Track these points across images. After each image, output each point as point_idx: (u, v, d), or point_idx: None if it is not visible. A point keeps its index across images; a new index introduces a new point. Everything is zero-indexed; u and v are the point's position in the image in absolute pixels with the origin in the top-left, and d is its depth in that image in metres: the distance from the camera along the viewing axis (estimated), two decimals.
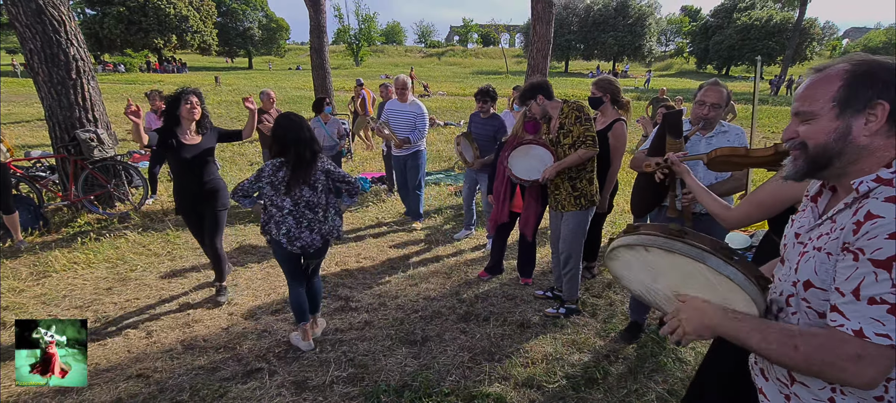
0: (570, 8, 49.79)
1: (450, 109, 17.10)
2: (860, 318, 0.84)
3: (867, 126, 0.92)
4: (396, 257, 4.46)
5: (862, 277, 0.84)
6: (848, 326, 0.85)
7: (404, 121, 4.82)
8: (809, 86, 0.98)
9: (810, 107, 0.97)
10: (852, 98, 0.93)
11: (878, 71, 0.91)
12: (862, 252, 0.85)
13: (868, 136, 0.92)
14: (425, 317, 3.33)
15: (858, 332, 0.84)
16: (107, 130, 5.34)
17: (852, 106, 0.93)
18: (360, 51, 52.46)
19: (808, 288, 0.97)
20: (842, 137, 0.94)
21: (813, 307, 0.97)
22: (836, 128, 0.94)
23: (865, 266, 0.84)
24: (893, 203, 0.84)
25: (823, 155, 0.96)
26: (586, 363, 2.83)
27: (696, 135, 2.60)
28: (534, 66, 8.69)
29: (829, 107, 0.95)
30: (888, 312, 0.81)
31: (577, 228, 3.14)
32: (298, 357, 2.85)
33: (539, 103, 3.15)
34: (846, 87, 0.93)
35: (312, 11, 11.51)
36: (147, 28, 37.50)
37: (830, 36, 56.60)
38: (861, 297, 0.84)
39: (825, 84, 0.96)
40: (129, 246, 4.47)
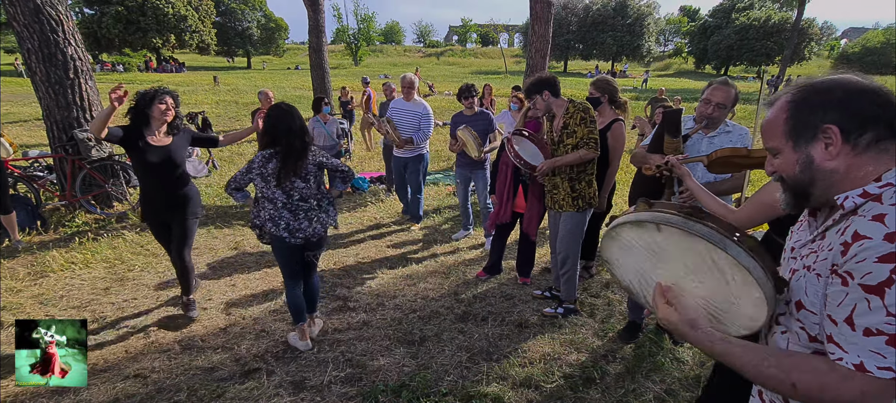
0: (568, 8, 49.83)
1: (448, 109, 17.10)
2: (859, 351, 0.80)
3: (828, 150, 0.89)
4: (394, 257, 4.46)
5: (853, 304, 0.81)
6: (847, 360, 0.81)
7: (409, 121, 4.74)
8: (766, 121, 0.98)
9: (772, 143, 0.97)
10: (800, 127, 0.91)
11: (815, 95, 0.90)
12: (851, 276, 0.81)
13: (832, 160, 0.89)
14: (423, 317, 3.33)
15: (859, 366, 0.80)
16: None
17: (803, 136, 0.91)
18: (358, 50, 52.46)
19: (800, 309, 0.95)
20: (807, 167, 0.92)
21: (805, 328, 0.94)
22: (797, 159, 0.93)
23: (856, 292, 0.80)
24: (881, 222, 0.80)
25: (798, 186, 0.95)
26: (584, 363, 2.83)
27: (698, 134, 2.57)
28: (532, 65, 8.70)
29: (784, 141, 0.94)
30: (887, 344, 0.77)
31: (575, 229, 3.14)
32: (296, 357, 2.85)
33: (545, 99, 3.06)
34: (790, 119, 0.92)
35: (311, 11, 11.51)
36: (145, 28, 37.43)
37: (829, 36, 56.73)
38: (856, 327, 0.80)
39: (775, 118, 0.95)
40: (127, 246, 4.47)
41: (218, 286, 3.75)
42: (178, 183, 3.06)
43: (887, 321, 0.77)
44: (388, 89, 6.28)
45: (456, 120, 4.56)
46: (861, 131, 0.86)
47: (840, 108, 0.87)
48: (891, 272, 0.76)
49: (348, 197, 6.38)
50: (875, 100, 0.85)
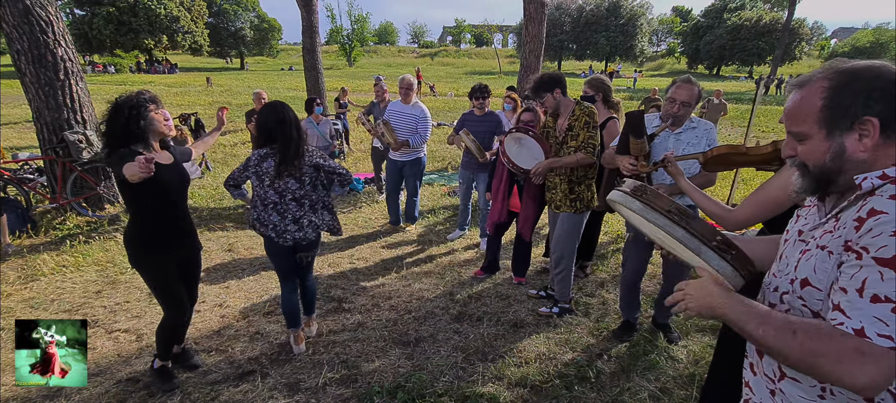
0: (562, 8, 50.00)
1: (443, 110, 17.10)
2: (862, 317, 0.80)
3: (862, 142, 0.87)
4: (390, 258, 4.45)
5: (866, 276, 0.80)
6: (848, 325, 0.81)
7: (406, 124, 4.68)
8: (794, 104, 0.94)
9: (799, 128, 0.93)
10: (837, 117, 0.87)
11: (857, 83, 0.86)
12: (866, 251, 0.81)
13: (865, 151, 0.87)
14: (419, 318, 3.33)
15: (859, 331, 0.80)
16: (96, 131, 5.28)
17: (839, 125, 0.88)
18: (352, 51, 52.33)
19: (805, 286, 0.94)
20: (837, 157, 0.89)
21: (808, 306, 0.94)
22: (828, 148, 0.90)
23: (869, 264, 0.80)
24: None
25: (824, 174, 0.92)
26: (579, 362, 2.83)
27: (665, 132, 2.62)
28: (526, 66, 8.72)
29: (817, 128, 0.90)
30: (893, 311, 0.77)
31: (572, 230, 3.14)
32: (291, 359, 2.83)
33: (556, 97, 3.01)
34: (828, 107, 0.88)
35: (304, 12, 11.46)
36: (137, 29, 37.13)
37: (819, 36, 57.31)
38: (864, 295, 0.80)
39: (808, 102, 0.91)
40: (119, 249, 4.42)
41: (211, 288, 3.72)
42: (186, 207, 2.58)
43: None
44: (380, 90, 6.24)
45: (465, 118, 4.53)
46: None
47: (884, 100, 0.84)
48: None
49: (342, 198, 6.36)
50: None
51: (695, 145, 2.55)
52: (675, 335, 3.09)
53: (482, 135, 4.35)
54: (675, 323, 3.24)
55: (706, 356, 2.85)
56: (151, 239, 2.37)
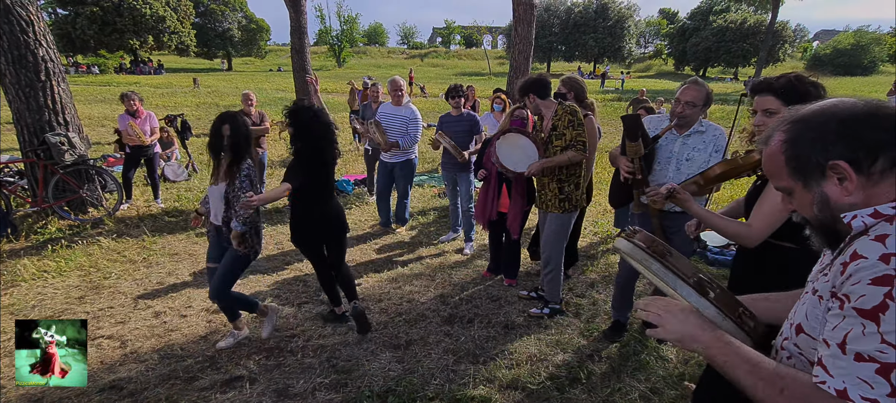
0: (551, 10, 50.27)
1: (433, 111, 17.08)
2: (845, 377, 0.74)
3: (844, 186, 0.81)
4: (380, 260, 4.42)
5: (848, 329, 0.75)
6: (830, 384, 0.75)
7: (396, 126, 4.66)
8: (765, 161, 0.91)
9: (779, 183, 0.90)
10: (803, 169, 0.84)
11: (809, 132, 0.82)
12: (847, 299, 0.76)
13: (851, 195, 0.81)
14: (409, 320, 3.30)
15: (842, 392, 0.73)
16: (78, 133, 5.18)
17: (811, 175, 0.84)
18: (342, 52, 52.07)
19: (799, 333, 0.89)
20: (824, 205, 0.84)
21: (804, 354, 0.89)
22: (812, 200, 0.86)
23: (851, 315, 0.74)
24: (881, 242, 0.74)
25: (823, 225, 0.87)
26: (570, 363, 2.84)
27: (671, 134, 2.60)
28: (516, 67, 8.76)
29: (793, 181, 0.86)
30: (877, 373, 0.70)
31: (560, 230, 3.15)
32: (280, 364, 2.80)
33: (532, 101, 3.10)
34: (790, 160, 0.85)
35: (293, 12, 11.37)
36: (122, 29, 36.49)
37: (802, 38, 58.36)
38: (847, 352, 0.74)
39: (775, 159, 0.88)
40: (103, 253, 4.34)
41: (199, 293, 3.66)
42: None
43: (881, 348, 0.71)
44: (374, 91, 6.20)
45: (443, 120, 4.54)
46: (873, 159, 0.78)
47: (843, 141, 0.79)
48: (884, 296, 0.70)
49: None
50: (877, 124, 0.78)
51: (701, 150, 2.52)
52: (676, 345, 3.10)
53: (460, 134, 4.37)
54: None
55: (695, 355, 2.87)
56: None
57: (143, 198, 6.07)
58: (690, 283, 0.94)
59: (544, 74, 3.21)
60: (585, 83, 3.78)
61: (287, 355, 2.89)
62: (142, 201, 5.94)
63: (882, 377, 0.70)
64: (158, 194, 5.88)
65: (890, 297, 0.70)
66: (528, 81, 3.12)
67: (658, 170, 2.65)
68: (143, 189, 6.35)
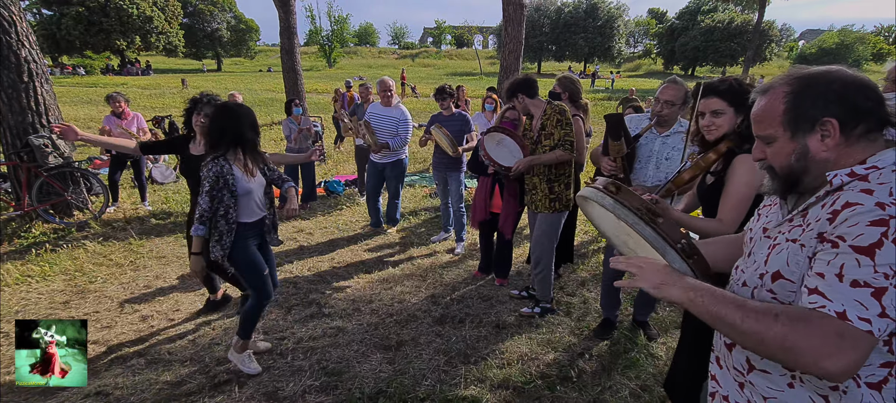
0: (541, 10, 50.46)
1: (424, 111, 17.06)
2: (844, 299, 0.81)
3: (824, 142, 0.92)
4: (370, 260, 4.40)
5: (843, 262, 0.83)
6: (830, 307, 0.82)
7: (386, 127, 4.62)
8: (760, 109, 0.99)
9: (766, 131, 0.98)
10: (799, 119, 0.93)
11: (815, 87, 0.91)
12: (842, 239, 0.83)
13: (827, 151, 0.92)
14: (400, 321, 3.29)
15: (841, 314, 0.81)
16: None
17: (801, 127, 0.93)
18: (332, 53, 51.83)
19: (777, 279, 0.96)
20: (802, 157, 0.94)
21: (778, 298, 0.96)
22: (793, 149, 0.95)
23: (846, 252, 0.82)
24: (869, 193, 0.84)
25: (791, 175, 0.97)
26: (561, 361, 2.84)
27: (651, 133, 2.63)
28: (506, 67, 8.77)
29: (782, 130, 0.95)
30: (872, 295, 0.79)
31: (550, 230, 3.15)
32: (269, 367, 2.77)
33: (521, 101, 3.10)
34: (790, 110, 0.94)
35: (282, 12, 11.30)
36: (108, 29, 35.98)
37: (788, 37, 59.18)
38: (844, 279, 0.82)
39: (771, 107, 0.96)
40: (89, 257, 4.27)
41: (187, 297, 3.61)
42: None
43: (875, 276, 0.79)
44: (364, 91, 6.18)
45: (434, 120, 4.53)
46: (856, 124, 0.90)
47: (840, 102, 0.90)
48: (881, 235, 0.79)
49: (323, 200, 6.28)
50: (869, 95, 0.90)
51: (680, 149, 2.55)
52: (654, 332, 3.13)
53: (451, 134, 4.35)
54: (654, 321, 3.28)
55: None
56: None
57: (131, 200, 5.99)
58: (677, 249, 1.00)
59: (531, 74, 3.22)
60: (581, 83, 3.80)
61: (277, 357, 2.87)
62: (129, 204, 5.86)
63: (875, 299, 0.79)
64: (146, 196, 5.80)
65: (885, 236, 0.79)
66: (515, 82, 3.13)
67: (638, 168, 2.68)
68: (131, 191, 6.26)
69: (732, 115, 1.83)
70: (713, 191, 1.92)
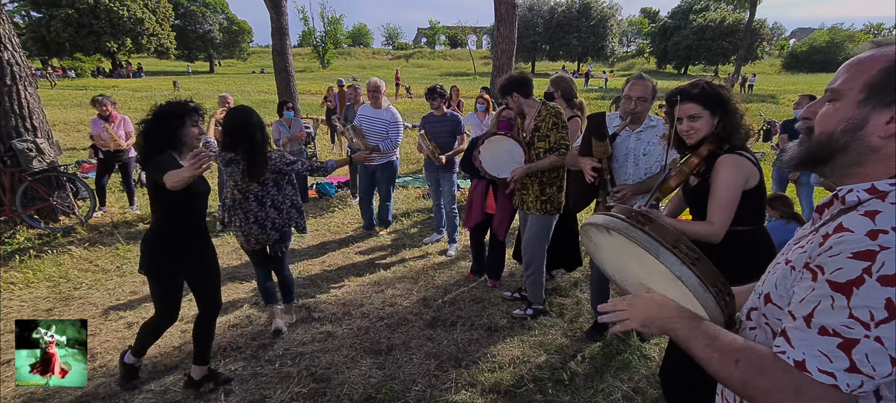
0: (534, 10, 50.59)
1: (419, 111, 17.02)
2: (805, 348, 0.72)
3: (887, 126, 0.75)
4: (362, 263, 4.36)
5: (817, 301, 0.72)
6: (790, 355, 0.73)
7: (376, 129, 4.57)
8: (855, 59, 0.81)
9: (841, 85, 0.81)
10: (884, 88, 0.76)
11: None
12: (821, 271, 0.72)
13: (883, 138, 0.76)
14: (391, 325, 3.25)
15: (800, 364, 0.72)
16: (47, 139, 5.01)
17: (879, 97, 0.76)
18: (326, 54, 51.66)
19: (767, 302, 0.87)
20: (852, 129, 0.78)
21: (770, 324, 0.87)
22: (851, 116, 0.78)
23: (822, 288, 0.71)
24: (870, 218, 0.71)
25: (825, 146, 0.82)
26: (553, 364, 2.81)
27: (625, 131, 2.62)
28: (499, 66, 8.75)
29: (857, 90, 0.78)
30: (839, 348, 0.69)
31: (541, 231, 3.12)
32: (256, 374, 2.72)
33: (515, 100, 3.03)
34: (883, 72, 0.76)
35: (273, 13, 11.20)
36: (99, 31, 35.66)
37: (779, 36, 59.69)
38: (812, 325, 0.72)
39: (869, 63, 0.78)
40: (74, 263, 4.19)
41: None
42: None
43: (847, 323, 0.68)
44: (353, 92, 6.11)
45: (425, 120, 4.49)
46: None
47: None
48: (863, 271, 0.67)
49: (314, 202, 6.22)
50: None
51: (655, 143, 2.57)
52: (647, 333, 3.10)
53: (442, 135, 4.31)
54: None
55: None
56: (172, 246, 2.36)
57: (119, 204, 5.90)
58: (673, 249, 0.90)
59: (526, 72, 3.16)
60: (575, 81, 3.76)
61: (264, 364, 2.82)
62: (117, 208, 5.77)
63: (842, 352, 0.69)
64: (134, 200, 5.72)
65: (868, 272, 0.67)
66: (510, 79, 3.05)
67: (617, 167, 2.66)
68: (119, 195, 6.18)
69: (709, 118, 1.84)
70: (699, 192, 1.93)
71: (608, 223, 0.99)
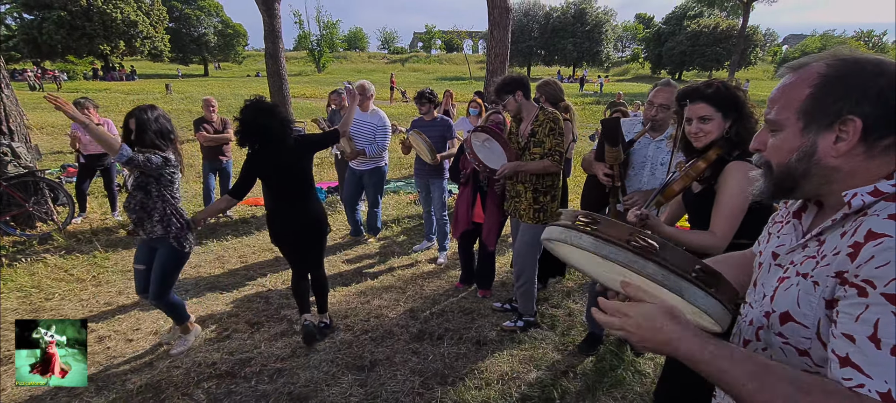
0: (530, 15, 50.77)
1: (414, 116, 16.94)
2: (887, 376, 0.63)
3: (836, 145, 0.74)
4: (349, 272, 4.22)
5: (877, 318, 0.64)
6: (871, 386, 0.64)
7: (364, 132, 4.46)
8: (781, 88, 0.81)
9: (777, 116, 0.80)
10: (819, 110, 0.75)
11: (852, 76, 0.73)
12: (870, 285, 0.65)
13: (837, 158, 0.74)
14: (375, 338, 3.11)
15: (885, 395, 0.62)
16: (24, 143, 4.86)
17: (818, 120, 0.75)
18: (322, 57, 51.55)
19: (786, 321, 0.79)
20: (805, 157, 0.77)
21: (791, 344, 0.79)
22: (799, 146, 0.77)
23: (879, 303, 0.64)
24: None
25: (787, 177, 0.79)
26: (543, 381, 2.68)
27: (645, 138, 2.51)
28: (493, 70, 8.67)
29: (795, 119, 0.77)
30: None
31: (532, 242, 3.00)
32: (231, 392, 2.57)
33: (517, 99, 2.89)
34: (813, 97, 0.75)
35: (266, 17, 11.11)
36: (92, 34, 35.36)
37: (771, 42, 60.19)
38: (883, 346, 0.63)
39: (795, 89, 0.78)
40: (48, 271, 4.03)
41: (148, 314, 3.40)
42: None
43: None
44: (338, 97, 5.97)
45: (415, 124, 4.38)
46: (884, 133, 0.71)
47: (877, 102, 0.71)
48: None
49: None
50: None
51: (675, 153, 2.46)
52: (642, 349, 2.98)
53: (433, 140, 4.19)
54: None
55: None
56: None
57: (101, 210, 5.74)
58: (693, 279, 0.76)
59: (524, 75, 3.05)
60: (561, 86, 3.69)
61: (240, 381, 2.67)
62: (98, 214, 5.61)
63: None
64: (116, 206, 5.56)
65: None
66: (513, 78, 2.91)
67: (632, 174, 2.55)
68: (101, 201, 6.01)
69: (721, 121, 1.69)
70: (701, 199, 1.80)
71: (549, 234, 0.90)
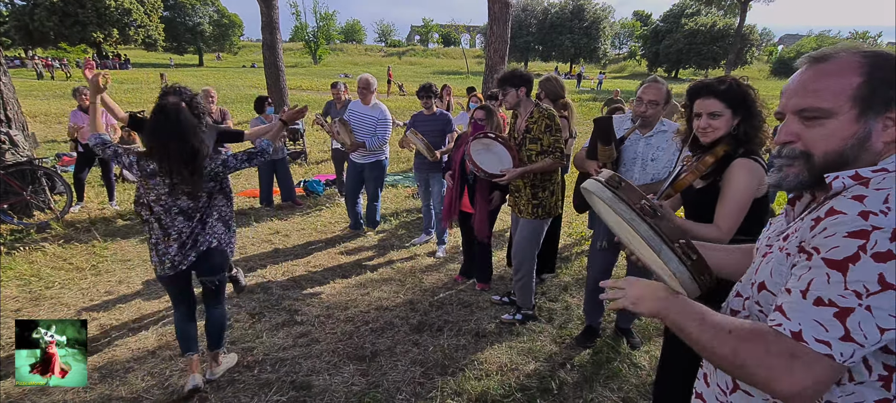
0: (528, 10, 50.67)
1: (411, 109, 16.91)
2: (802, 319, 0.74)
3: (886, 131, 0.78)
4: (348, 264, 4.25)
5: (813, 277, 0.74)
6: (786, 326, 0.75)
7: (366, 126, 4.46)
8: (816, 78, 0.81)
9: (821, 104, 0.80)
10: (874, 97, 0.77)
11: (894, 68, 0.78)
12: (816, 251, 0.75)
13: (885, 143, 0.78)
14: (376, 329, 3.15)
15: (797, 333, 0.73)
16: (22, 131, 4.83)
17: (873, 107, 0.77)
18: (318, 49, 51.21)
19: (762, 290, 0.89)
20: (860, 143, 0.79)
21: (763, 310, 0.89)
22: (855, 132, 0.78)
23: (818, 265, 0.74)
24: (859, 201, 0.73)
25: (832, 164, 0.80)
26: (541, 372, 2.74)
27: (635, 135, 2.56)
28: (491, 65, 8.68)
29: (848, 106, 0.78)
30: (835, 316, 0.71)
31: (532, 236, 3.04)
32: (233, 380, 2.61)
33: (519, 95, 2.91)
34: (867, 83, 0.77)
35: (264, 7, 11.05)
36: (84, 21, 34.97)
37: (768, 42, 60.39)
38: (808, 297, 0.74)
39: (838, 77, 0.79)
40: (47, 260, 4.03)
41: (150, 304, 3.42)
42: None
43: (842, 294, 0.71)
44: (337, 90, 5.97)
45: (415, 119, 4.40)
46: None
47: None
48: (858, 248, 0.70)
49: (301, 200, 6.09)
50: None
51: (665, 149, 2.51)
52: (637, 340, 3.05)
53: (433, 134, 4.23)
54: (637, 328, 3.20)
55: None
56: None
57: (98, 199, 5.72)
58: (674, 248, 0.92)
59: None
60: (563, 83, 3.71)
61: (243, 370, 2.70)
62: (96, 203, 5.59)
63: (837, 320, 0.71)
64: (114, 196, 5.54)
65: (863, 250, 0.70)
66: (521, 74, 2.93)
67: (624, 171, 2.61)
68: (99, 190, 5.99)
69: (730, 117, 1.72)
70: (703, 195, 1.84)
71: (589, 185, 1.08)
